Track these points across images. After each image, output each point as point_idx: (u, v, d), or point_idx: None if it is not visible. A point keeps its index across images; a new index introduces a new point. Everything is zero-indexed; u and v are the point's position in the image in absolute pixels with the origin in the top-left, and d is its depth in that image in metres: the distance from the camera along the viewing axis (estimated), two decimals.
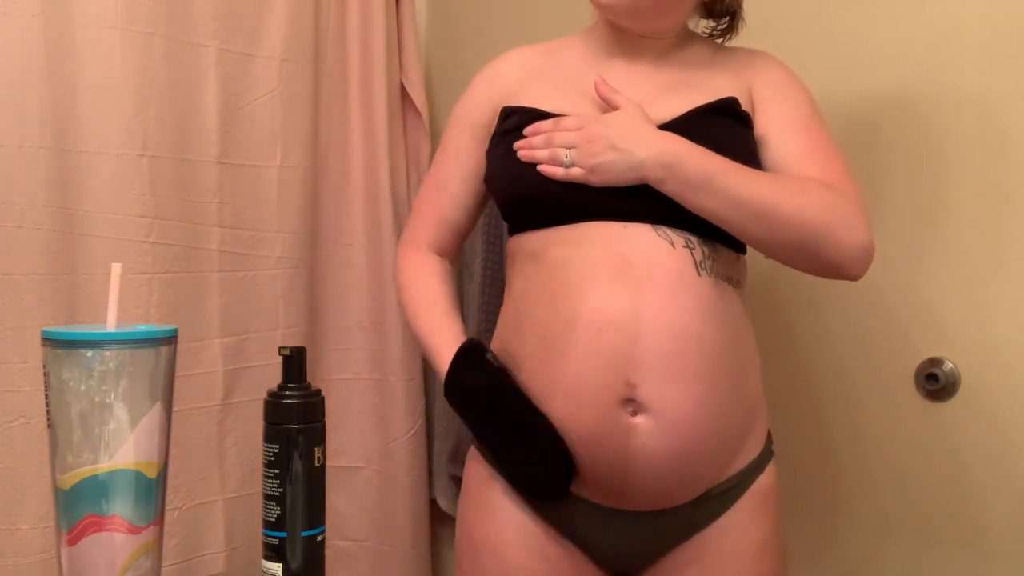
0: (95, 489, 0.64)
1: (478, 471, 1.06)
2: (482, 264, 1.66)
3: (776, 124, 1.00)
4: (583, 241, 0.95)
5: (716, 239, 0.95)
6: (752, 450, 0.99)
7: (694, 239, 0.93)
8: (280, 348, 0.77)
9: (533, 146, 0.97)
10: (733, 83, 1.02)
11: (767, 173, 0.96)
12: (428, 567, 1.79)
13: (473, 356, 0.99)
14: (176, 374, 0.70)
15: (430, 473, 1.81)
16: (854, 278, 0.95)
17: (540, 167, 0.96)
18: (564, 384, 0.92)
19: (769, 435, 1.04)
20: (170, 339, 0.68)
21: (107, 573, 0.65)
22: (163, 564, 0.70)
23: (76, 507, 0.65)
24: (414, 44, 1.83)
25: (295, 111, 1.60)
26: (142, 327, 0.69)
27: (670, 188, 0.91)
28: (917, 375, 1.22)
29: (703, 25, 1.12)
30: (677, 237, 0.93)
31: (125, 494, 0.65)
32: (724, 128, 0.97)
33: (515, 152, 0.99)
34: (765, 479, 0.99)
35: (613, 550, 0.99)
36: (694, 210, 0.91)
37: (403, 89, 1.83)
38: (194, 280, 1.46)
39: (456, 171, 1.12)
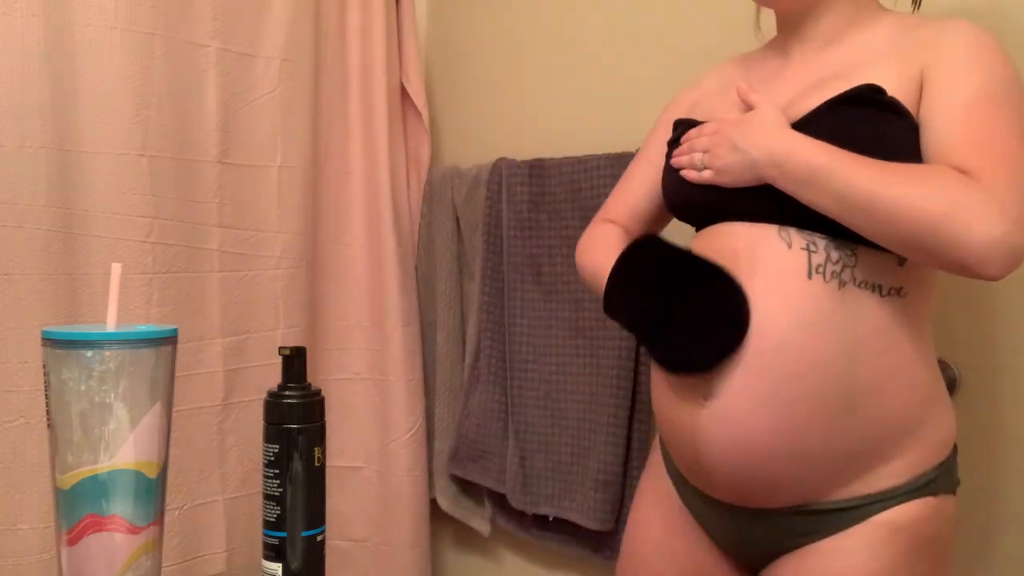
0: (95, 489, 0.64)
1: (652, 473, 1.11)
2: (482, 264, 1.66)
3: (934, 106, 0.88)
4: (712, 240, 0.97)
5: (860, 242, 0.88)
6: (886, 479, 0.90)
7: (821, 241, 0.89)
8: (280, 348, 0.77)
9: (679, 153, 1.02)
10: (901, 67, 0.91)
11: (884, 163, 0.84)
12: (428, 567, 1.80)
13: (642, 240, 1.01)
14: (176, 374, 0.70)
15: (430, 473, 1.81)
16: (988, 278, 0.82)
17: (681, 172, 1.00)
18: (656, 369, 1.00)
19: (937, 474, 0.93)
20: (170, 339, 0.68)
21: (107, 573, 0.65)
22: (163, 564, 0.70)
23: (76, 507, 0.64)
24: (414, 44, 1.83)
25: (295, 111, 1.60)
26: (142, 327, 0.69)
27: (784, 186, 0.89)
28: None
29: None
30: (799, 238, 0.90)
31: (125, 494, 0.65)
32: (856, 119, 0.89)
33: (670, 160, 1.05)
34: (903, 514, 0.90)
35: (726, 541, 1.01)
36: (812, 207, 0.88)
37: (403, 89, 1.83)
38: (194, 280, 1.46)
39: (645, 163, 1.16)
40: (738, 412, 0.89)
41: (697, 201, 1.00)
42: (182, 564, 1.43)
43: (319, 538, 0.75)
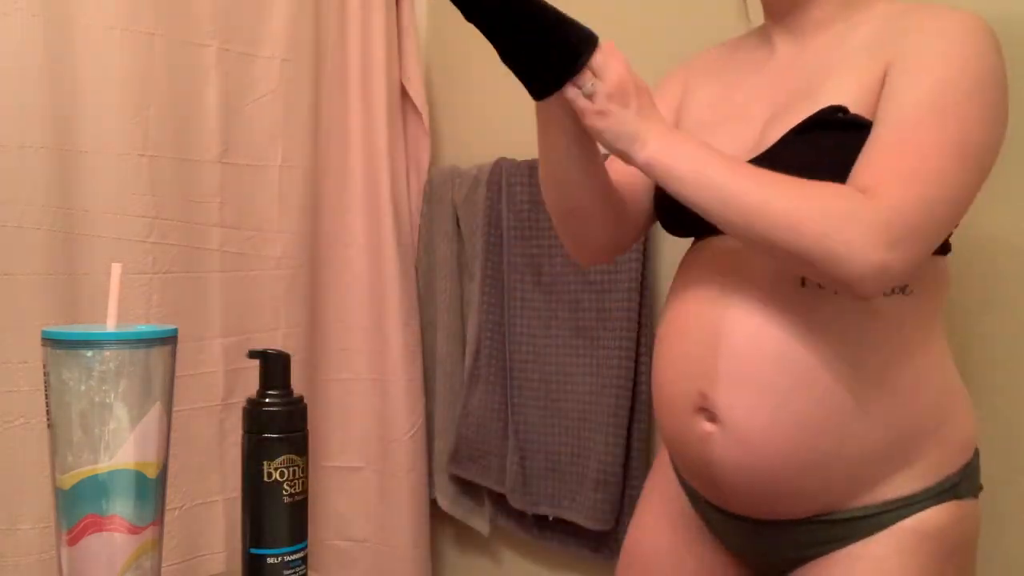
0: (95, 489, 0.64)
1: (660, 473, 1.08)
2: (482, 264, 1.66)
3: (880, 109, 0.82)
4: (704, 252, 0.96)
5: None
6: (909, 483, 0.87)
7: None
8: (252, 351, 0.73)
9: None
10: (869, 66, 0.85)
11: (775, 174, 0.81)
12: (428, 567, 1.80)
13: None
14: (176, 374, 0.69)
15: (430, 473, 1.81)
16: (863, 298, 0.82)
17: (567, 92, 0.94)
18: (658, 391, 0.97)
19: (961, 477, 0.90)
20: (170, 339, 0.68)
21: (107, 573, 0.65)
22: (163, 564, 0.70)
23: (76, 507, 0.64)
24: (414, 44, 1.84)
25: (295, 111, 1.60)
26: (142, 327, 0.69)
27: (659, 175, 0.86)
28: None
29: None
30: None
31: (125, 494, 0.65)
32: (820, 146, 0.85)
33: None
34: (929, 521, 0.87)
35: (743, 550, 0.99)
36: (689, 205, 0.84)
37: (403, 89, 1.83)
38: (194, 280, 1.46)
39: None
40: (750, 434, 0.86)
41: (690, 212, 0.94)
42: (182, 564, 1.43)
43: (272, 560, 0.69)
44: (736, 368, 0.86)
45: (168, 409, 0.68)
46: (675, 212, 0.93)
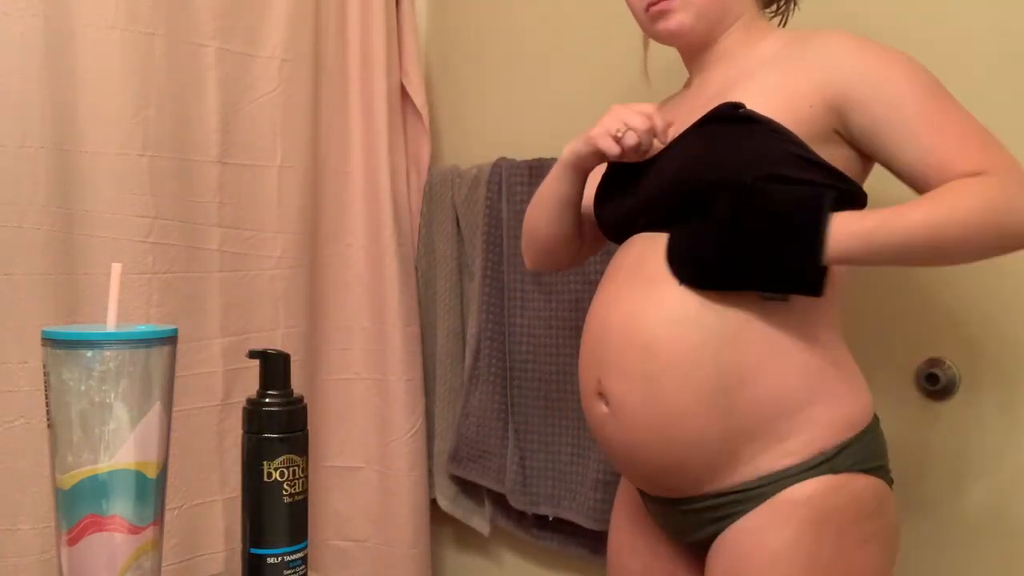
0: (95, 489, 0.64)
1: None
2: (482, 264, 1.66)
3: (888, 127, 0.94)
4: (618, 253, 1.06)
5: None
6: (782, 459, 0.95)
7: None
8: (252, 351, 0.73)
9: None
10: (783, 73, 0.99)
11: (910, 205, 0.89)
12: (428, 567, 1.79)
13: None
14: (176, 374, 0.69)
15: (430, 473, 1.81)
16: None
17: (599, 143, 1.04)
18: (579, 380, 1.07)
19: (836, 452, 0.95)
20: (170, 339, 0.68)
21: (107, 573, 0.65)
22: (163, 564, 0.70)
23: (76, 507, 0.64)
24: (414, 44, 1.83)
25: (295, 111, 1.60)
26: (142, 327, 0.69)
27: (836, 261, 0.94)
28: (917, 375, 1.22)
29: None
30: None
31: (125, 494, 0.65)
32: (714, 135, 0.97)
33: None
34: (801, 490, 0.94)
35: (670, 531, 1.08)
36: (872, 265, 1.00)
37: (403, 89, 1.83)
38: (194, 280, 1.46)
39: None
40: (628, 415, 0.97)
41: (610, 217, 1.08)
42: (182, 564, 1.43)
43: (272, 560, 0.70)
44: (615, 356, 0.97)
45: (168, 409, 0.68)
46: (600, 214, 1.10)
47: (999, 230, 0.87)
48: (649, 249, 0.99)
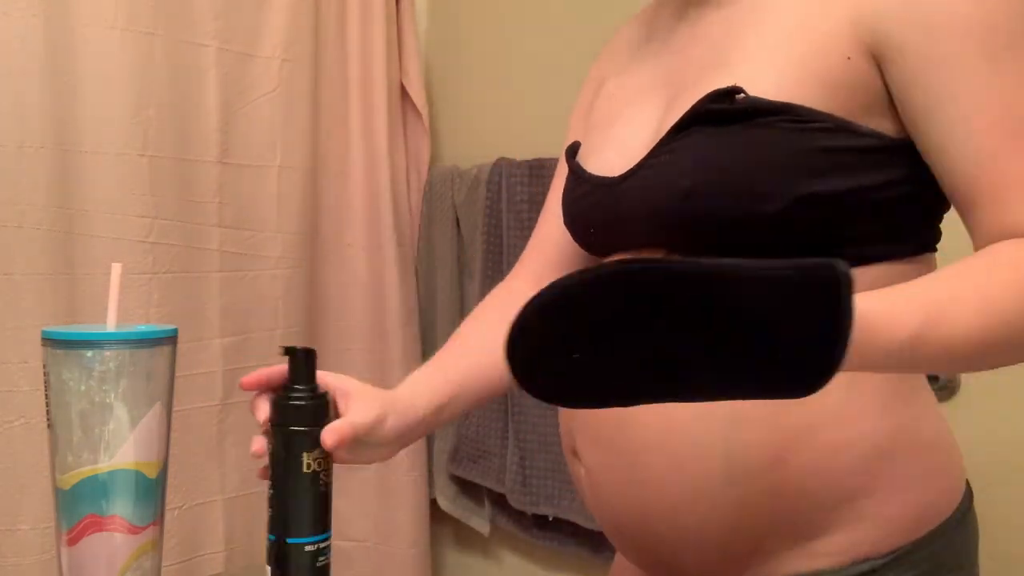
0: (95, 489, 0.64)
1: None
2: (482, 264, 1.66)
3: (935, 112, 0.61)
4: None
5: None
6: (812, 560, 0.67)
7: None
8: (286, 347, 0.75)
9: None
10: (820, 11, 0.63)
11: (952, 294, 0.57)
12: (428, 567, 1.80)
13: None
14: (176, 374, 0.69)
15: (430, 473, 1.81)
16: None
17: None
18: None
19: (887, 562, 0.66)
20: (170, 339, 0.68)
21: (107, 573, 0.65)
22: (163, 564, 0.70)
23: (76, 507, 0.64)
24: (414, 44, 1.84)
25: (295, 111, 1.60)
26: (142, 327, 0.69)
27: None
28: None
29: None
30: None
31: (125, 494, 0.65)
32: (707, 146, 0.65)
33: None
34: None
35: None
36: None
37: (403, 89, 1.83)
38: (194, 280, 1.46)
39: (556, 189, 0.92)
40: (603, 489, 0.73)
41: (583, 234, 0.81)
42: (182, 564, 1.43)
43: (309, 548, 0.71)
44: (588, 417, 0.73)
45: (168, 409, 0.68)
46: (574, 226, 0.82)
47: None
48: None
